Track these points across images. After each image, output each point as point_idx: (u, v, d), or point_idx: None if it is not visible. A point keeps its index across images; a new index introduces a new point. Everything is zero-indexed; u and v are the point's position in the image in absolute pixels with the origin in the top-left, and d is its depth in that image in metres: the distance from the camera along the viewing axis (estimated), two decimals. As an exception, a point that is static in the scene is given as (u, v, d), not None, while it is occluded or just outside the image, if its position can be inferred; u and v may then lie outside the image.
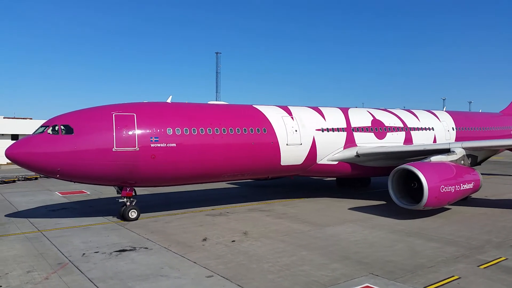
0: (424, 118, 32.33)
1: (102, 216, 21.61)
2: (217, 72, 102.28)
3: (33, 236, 17.57)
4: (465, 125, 35.46)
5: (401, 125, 29.89)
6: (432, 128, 32.06)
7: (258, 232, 17.96)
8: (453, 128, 33.93)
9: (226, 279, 12.20)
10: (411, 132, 30.19)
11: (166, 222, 20.19)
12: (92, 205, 25.14)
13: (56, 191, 30.43)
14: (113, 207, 24.09)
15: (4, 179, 36.08)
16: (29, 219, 20.92)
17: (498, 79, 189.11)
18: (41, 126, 19.15)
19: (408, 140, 29.74)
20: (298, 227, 18.81)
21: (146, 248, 15.69)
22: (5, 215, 21.98)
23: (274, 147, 23.17)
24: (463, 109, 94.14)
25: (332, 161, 25.72)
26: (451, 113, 35.95)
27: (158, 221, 20.54)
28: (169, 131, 19.93)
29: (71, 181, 19.78)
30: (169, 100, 22.90)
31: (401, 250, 15.16)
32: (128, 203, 20.51)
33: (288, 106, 25.73)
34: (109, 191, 26.12)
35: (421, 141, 30.07)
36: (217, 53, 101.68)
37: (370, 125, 28.17)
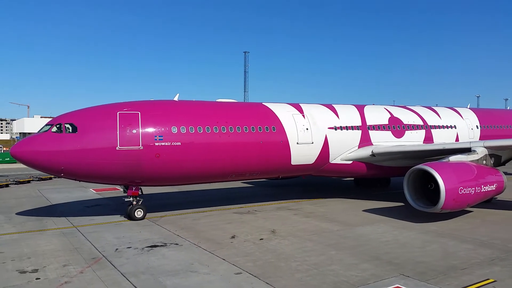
0: (446, 116, 30.96)
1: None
2: (245, 71, 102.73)
3: (68, 231, 18.21)
4: (491, 123, 33.60)
5: (421, 123, 28.64)
6: (455, 126, 30.65)
7: (286, 230, 17.96)
8: (477, 126, 32.32)
9: (255, 276, 12.28)
10: (432, 130, 28.92)
11: (195, 219, 20.48)
12: (124, 202, 25.72)
13: (91, 188, 31.37)
14: (145, 203, 24.65)
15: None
16: (65, 214, 21.70)
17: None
18: (46, 125, 19.22)
19: (428, 138, 28.49)
20: (327, 226, 18.68)
21: (177, 244, 15.98)
22: (43, 211, 22.89)
23: (283, 146, 22.56)
24: (499, 107, 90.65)
25: (346, 160, 24.86)
26: (475, 110, 34.39)
27: (187, 218, 20.86)
28: (174, 130, 19.65)
29: (76, 179, 19.87)
30: (176, 98, 22.50)
31: (433, 251, 14.80)
32: (134, 202, 20.38)
33: (300, 104, 25.01)
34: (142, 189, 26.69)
35: (442, 139, 28.75)
36: (245, 52, 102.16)
37: (387, 123, 27.09)
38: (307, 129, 23.50)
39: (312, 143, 23.47)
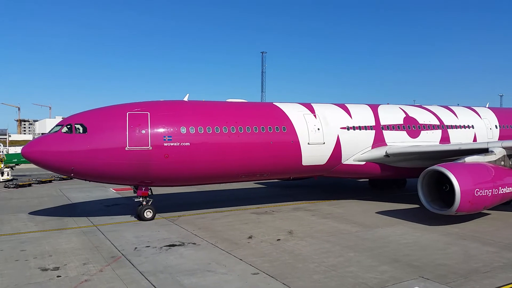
0: (463, 115, 30.07)
1: (153, 212, 22.33)
2: (262, 72, 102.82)
3: (88, 230, 18.52)
4: (511, 122, 32.45)
5: (437, 123, 27.92)
6: (472, 126, 29.68)
7: (303, 231, 17.87)
8: (496, 126, 31.21)
9: (272, 277, 12.25)
10: (448, 130, 28.16)
11: (213, 219, 20.57)
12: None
13: (110, 188, 31.85)
14: (163, 203, 24.91)
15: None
16: (85, 213, 22.09)
17: None
18: (57, 125, 19.38)
19: (445, 139, 27.74)
20: (345, 228, 18.50)
21: (194, 243, 16.08)
22: (64, 210, 23.35)
23: (294, 147, 22.24)
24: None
25: (359, 161, 24.36)
26: (494, 110, 33.21)
27: (205, 218, 20.97)
28: (183, 130, 19.59)
29: (86, 180, 20.03)
30: (186, 99, 22.40)
31: (455, 254, 14.50)
32: (144, 203, 20.38)
33: (311, 104, 24.65)
34: (159, 189, 27.01)
35: (459, 140, 27.93)
36: (262, 52, 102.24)
37: (402, 122, 26.45)
38: (318, 129, 23.18)
39: (324, 143, 23.15)
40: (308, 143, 22.62)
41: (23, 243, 16.22)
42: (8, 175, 37.29)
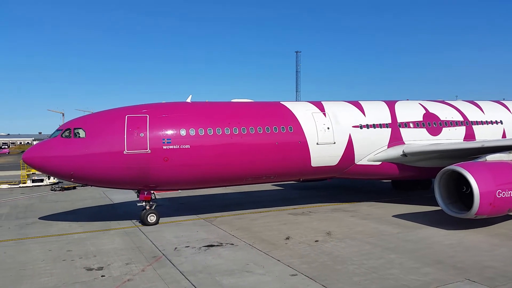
0: (491, 110, 27.97)
1: (192, 212, 22.77)
2: (297, 71, 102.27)
3: (131, 230, 19.06)
4: None
5: (461, 119, 26.16)
6: (501, 122, 27.63)
7: (342, 232, 17.60)
8: None
9: (310, 278, 12.14)
10: (473, 126, 26.31)
11: (250, 220, 20.64)
12: (183, 202, 26.59)
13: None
14: (202, 204, 25.35)
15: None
16: (127, 214, 22.72)
17: None
18: (57, 130, 19.21)
19: (470, 136, 25.92)
20: (386, 229, 18.06)
21: (232, 244, 16.20)
22: (107, 211, 24.17)
23: (302, 147, 21.27)
24: None
25: (374, 161, 23.04)
26: None
27: (243, 218, 21.07)
28: (183, 132, 19.03)
29: (86, 184, 19.75)
30: (188, 100, 21.89)
31: (503, 255, 13.84)
32: (147, 207, 19.98)
33: (322, 102, 23.66)
34: (198, 190, 27.41)
35: (485, 137, 26.03)
36: (297, 52, 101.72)
37: (421, 119, 24.89)
38: (328, 128, 22.10)
39: (334, 143, 22.04)
40: (317, 143, 21.62)
41: (69, 243, 16.92)
42: (54, 178, 38.96)
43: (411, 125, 24.46)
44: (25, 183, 36.97)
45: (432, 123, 25.14)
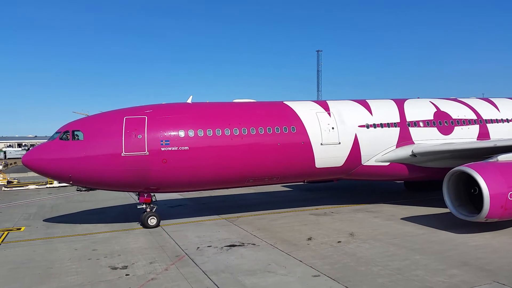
0: (506, 108, 26.84)
1: (213, 212, 22.91)
2: (318, 70, 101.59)
3: (154, 230, 19.30)
4: None
5: (474, 117, 25.18)
6: None
7: (365, 233, 17.38)
8: None
9: (333, 279, 12.03)
10: (488, 125, 25.27)
11: (271, 220, 20.62)
12: (204, 202, 26.80)
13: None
14: (223, 204, 25.48)
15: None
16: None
17: None
18: (56, 133, 19.03)
19: (483, 135, 24.89)
20: (410, 230, 17.73)
21: (254, 244, 16.21)
22: (131, 211, 24.54)
23: (305, 148, 20.71)
24: None
25: (381, 162, 22.31)
26: None
27: (264, 218, 21.07)
28: (181, 134, 18.78)
29: (85, 187, 19.47)
30: (189, 101, 21.66)
31: (533, 259, 13.38)
32: (148, 210, 19.77)
33: (327, 101, 23.19)
34: (219, 190, 27.54)
35: (501, 136, 24.91)
36: (318, 51, 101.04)
37: (431, 118, 24.01)
38: (332, 128, 21.49)
39: (339, 143, 21.42)
40: (321, 144, 21.04)
41: (94, 242, 17.27)
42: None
43: (421, 124, 23.70)
44: (52, 183, 37.88)
45: (443, 122, 24.31)
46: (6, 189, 37.56)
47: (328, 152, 21.21)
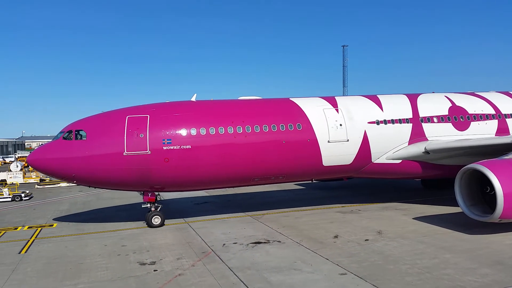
0: None
1: (238, 209, 23.00)
2: (343, 66, 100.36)
3: (181, 226, 19.58)
4: None
5: (492, 112, 24.04)
6: None
7: (393, 231, 17.07)
8: None
9: (360, 278, 11.88)
10: (507, 120, 24.09)
11: (296, 217, 20.54)
12: (230, 200, 26.94)
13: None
14: (248, 202, 25.53)
15: None
16: (177, 211, 23.37)
17: None
18: (60, 132, 19.15)
19: (502, 130, 23.76)
20: (440, 228, 17.30)
21: (279, 241, 16.19)
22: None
23: (311, 145, 20.22)
24: None
25: (393, 159, 21.57)
26: None
27: (289, 216, 21.01)
28: (183, 132, 18.59)
29: (89, 186, 19.70)
30: (193, 99, 21.34)
31: None
32: (153, 209, 19.68)
33: (336, 97, 22.56)
34: (245, 188, 27.59)
35: None
36: (343, 46, 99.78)
37: (446, 113, 23.10)
38: (340, 125, 20.90)
39: (347, 140, 20.82)
40: (328, 141, 20.50)
41: (123, 239, 17.67)
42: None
43: (435, 119, 22.85)
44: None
45: (459, 117, 23.35)
46: (39, 187, 38.91)
47: (336, 150, 20.74)
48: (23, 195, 30.63)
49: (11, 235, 19.24)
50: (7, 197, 30.39)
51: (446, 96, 24.45)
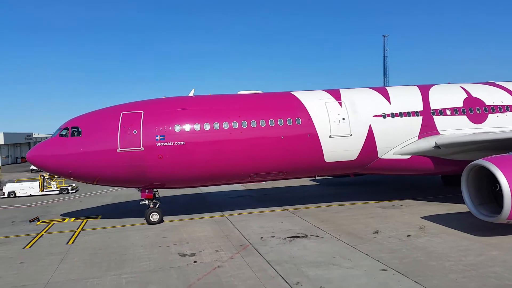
0: None
1: (276, 203, 23.02)
2: (384, 56, 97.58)
3: (219, 219, 19.85)
4: None
5: None
6: None
7: (437, 227, 16.53)
8: None
9: (402, 274, 11.59)
10: None
11: (335, 212, 20.30)
12: (266, 193, 27.03)
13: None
14: (285, 196, 25.49)
15: None
16: (215, 204, 23.73)
17: None
18: (57, 129, 19.29)
19: None
20: (486, 223, 16.45)
21: (317, 236, 16.07)
22: (197, 201, 25.47)
23: (311, 141, 19.44)
24: None
25: (401, 155, 20.48)
26: None
27: (327, 210, 20.80)
28: (177, 128, 18.35)
29: (86, 183, 19.68)
30: (191, 94, 21.04)
31: None
32: (151, 206, 19.55)
33: (340, 89, 21.48)
34: (282, 182, 27.57)
35: None
36: (384, 35, 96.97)
37: (461, 105, 21.58)
38: (343, 118, 19.94)
39: (351, 135, 19.86)
40: (330, 136, 19.63)
41: (164, 230, 18.13)
42: None
43: (448, 112, 21.40)
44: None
45: (475, 109, 21.76)
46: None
47: (339, 145, 19.84)
48: (69, 188, 32.18)
49: (60, 227, 20.21)
50: (55, 190, 32.03)
51: (462, 87, 22.88)
